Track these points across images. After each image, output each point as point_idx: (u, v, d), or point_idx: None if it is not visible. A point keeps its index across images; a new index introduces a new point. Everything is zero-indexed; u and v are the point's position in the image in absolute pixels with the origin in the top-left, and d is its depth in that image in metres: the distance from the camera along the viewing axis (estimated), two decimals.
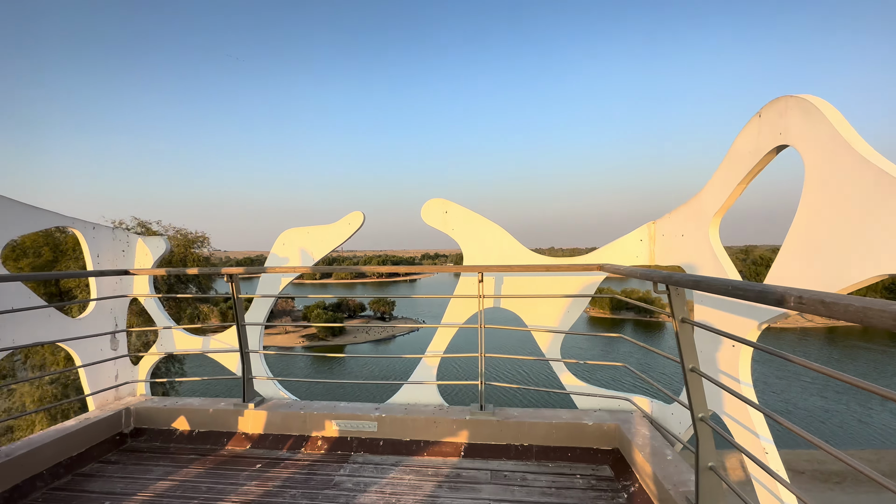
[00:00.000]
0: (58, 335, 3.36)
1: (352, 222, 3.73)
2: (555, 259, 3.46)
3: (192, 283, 18.50)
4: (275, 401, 3.70)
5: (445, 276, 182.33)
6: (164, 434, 3.54)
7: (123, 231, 3.91)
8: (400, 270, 3.60)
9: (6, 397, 14.30)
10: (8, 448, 2.86)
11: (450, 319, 3.67)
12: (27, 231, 3.20)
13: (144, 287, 3.91)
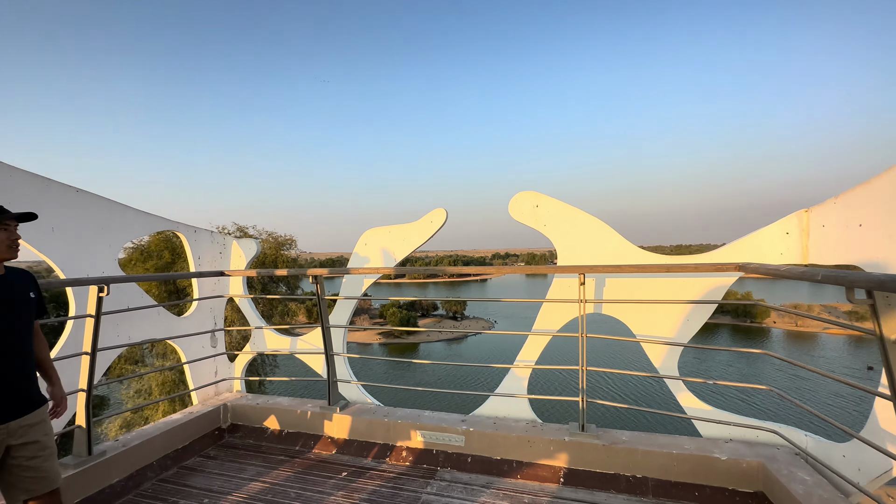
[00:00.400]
0: (166, 332, 3.58)
1: (434, 220, 3.51)
2: (678, 258, 2.91)
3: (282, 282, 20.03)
4: (359, 405, 3.60)
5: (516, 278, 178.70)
6: (256, 432, 3.62)
7: (220, 234, 4.10)
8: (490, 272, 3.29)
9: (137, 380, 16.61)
10: (125, 438, 3.06)
11: (543, 326, 3.29)
12: (141, 234, 3.44)
13: (239, 287, 4.07)
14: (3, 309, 1.83)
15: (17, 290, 1.90)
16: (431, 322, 73.83)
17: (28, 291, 1.95)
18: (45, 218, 2.72)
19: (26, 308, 1.93)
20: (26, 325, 1.93)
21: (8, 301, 1.85)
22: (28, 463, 1.89)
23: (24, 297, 1.92)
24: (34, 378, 1.98)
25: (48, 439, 1.99)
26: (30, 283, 1.98)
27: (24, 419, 1.89)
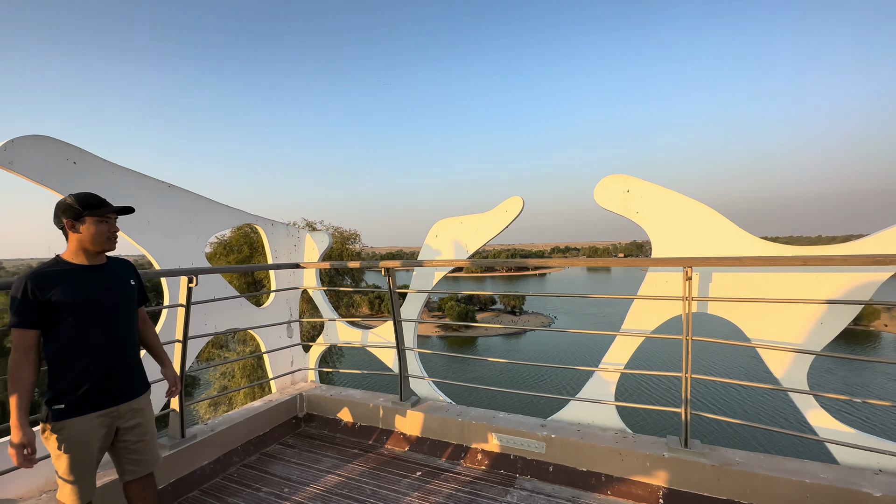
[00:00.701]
0: (247, 322, 3.71)
1: (510, 209, 3.27)
2: (818, 248, 2.43)
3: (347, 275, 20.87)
4: (430, 402, 3.49)
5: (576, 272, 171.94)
6: (330, 423, 3.64)
7: (294, 227, 4.19)
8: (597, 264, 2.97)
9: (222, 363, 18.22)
10: (213, 422, 3.20)
11: (633, 325, 2.94)
12: (225, 228, 3.58)
13: (312, 280, 4.13)
14: (109, 297, 1.90)
15: (119, 278, 1.98)
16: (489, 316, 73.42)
17: (128, 279, 2.02)
18: (143, 212, 2.88)
19: (129, 295, 2.00)
20: (130, 312, 2.00)
21: (112, 289, 1.93)
22: (133, 446, 1.97)
23: (126, 285, 2.00)
24: (140, 363, 2.06)
25: (150, 424, 2.06)
26: (129, 271, 2.05)
27: (132, 403, 1.96)
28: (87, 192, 1.88)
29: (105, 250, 1.92)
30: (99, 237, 1.87)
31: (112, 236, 1.93)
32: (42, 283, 1.74)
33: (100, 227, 1.87)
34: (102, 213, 1.86)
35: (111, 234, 1.92)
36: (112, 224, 1.93)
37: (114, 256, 2.03)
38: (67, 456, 1.79)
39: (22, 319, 1.71)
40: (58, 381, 1.79)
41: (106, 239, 1.90)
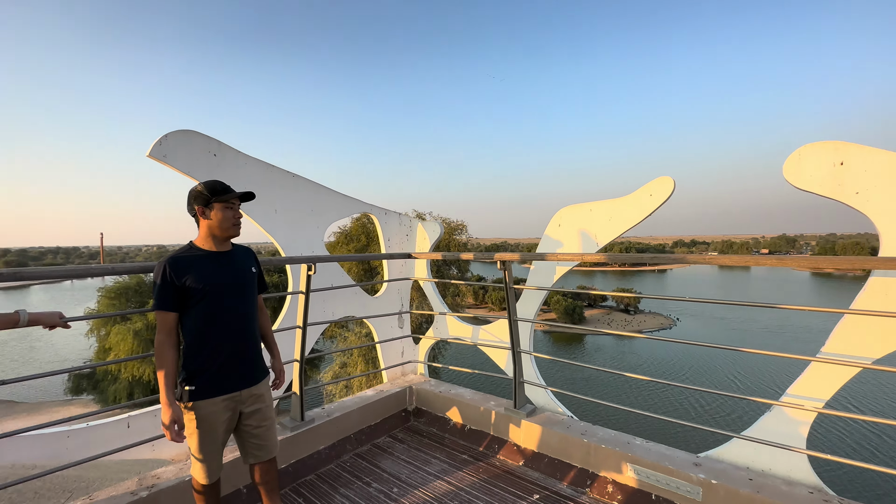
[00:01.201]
0: (361, 310, 3.74)
1: (656, 192, 2.66)
2: None
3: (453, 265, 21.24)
4: (548, 414, 3.09)
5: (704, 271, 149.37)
6: (439, 421, 3.48)
7: (407, 217, 4.10)
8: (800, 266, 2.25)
9: (341, 341, 20.08)
10: (329, 408, 3.26)
11: (843, 349, 2.13)
12: (342, 216, 3.63)
13: (423, 270, 4.01)
14: (234, 283, 1.92)
15: (243, 265, 1.99)
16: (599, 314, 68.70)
17: (250, 267, 2.03)
18: (269, 200, 3.00)
19: (251, 283, 2.02)
20: (252, 299, 2.02)
21: (237, 276, 1.94)
22: (254, 431, 1.99)
23: (249, 273, 2.01)
24: (260, 350, 2.08)
25: (270, 410, 2.07)
26: (251, 258, 2.06)
27: (253, 388, 1.98)
28: (213, 180, 1.91)
29: (230, 236, 1.94)
30: (225, 223, 1.89)
31: (237, 222, 1.94)
32: (177, 267, 1.80)
33: (226, 213, 1.89)
34: (227, 199, 1.88)
35: (236, 220, 1.94)
36: (236, 210, 1.94)
37: (237, 244, 2.05)
38: (198, 435, 1.85)
39: (163, 302, 1.79)
40: (189, 364, 1.86)
41: (231, 225, 1.91)
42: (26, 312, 1.61)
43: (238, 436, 2.03)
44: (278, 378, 2.23)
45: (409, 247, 4.10)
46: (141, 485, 2.23)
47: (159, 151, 2.47)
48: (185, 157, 2.58)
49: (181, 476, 2.32)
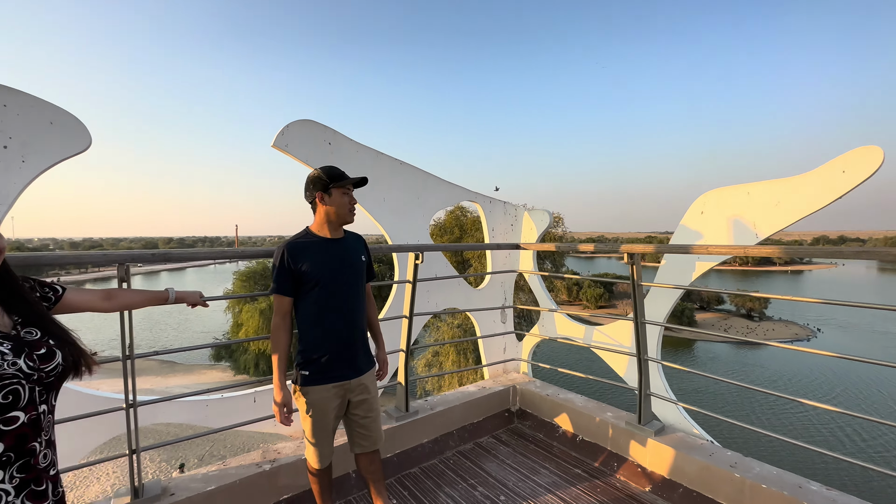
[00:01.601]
0: (464, 302, 3.60)
1: (852, 167, 2.03)
2: None
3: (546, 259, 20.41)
4: (682, 435, 2.62)
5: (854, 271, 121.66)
6: (546, 427, 3.20)
7: (512, 206, 3.85)
8: None
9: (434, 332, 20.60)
10: (432, 401, 3.19)
11: None
12: (447, 204, 3.52)
13: (529, 263, 3.74)
14: (346, 271, 1.89)
15: (354, 253, 1.95)
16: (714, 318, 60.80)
17: (360, 254, 1.98)
18: (378, 188, 2.99)
19: (361, 271, 1.97)
20: (361, 287, 1.97)
21: (348, 263, 1.90)
22: (361, 421, 1.95)
23: (359, 261, 1.96)
24: (367, 339, 2.03)
25: (375, 401, 2.02)
26: (362, 246, 2.02)
27: (361, 378, 1.94)
28: (331, 166, 1.88)
29: (346, 222, 1.91)
30: (342, 208, 1.86)
31: (352, 209, 1.90)
32: (294, 252, 1.81)
33: (342, 199, 1.86)
34: (344, 185, 1.84)
35: (352, 207, 1.90)
36: (351, 196, 1.90)
37: (349, 231, 2.02)
38: (311, 419, 1.86)
39: (279, 286, 1.81)
40: (304, 349, 1.86)
41: (348, 211, 1.88)
42: (174, 291, 1.74)
43: (346, 424, 2.01)
44: (382, 369, 2.17)
45: (514, 237, 3.85)
46: (264, 457, 2.36)
47: (282, 141, 2.57)
48: (303, 146, 2.65)
49: (298, 454, 2.41)
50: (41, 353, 1.17)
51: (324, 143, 2.74)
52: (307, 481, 2.37)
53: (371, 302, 2.13)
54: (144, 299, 1.67)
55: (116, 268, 1.74)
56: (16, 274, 1.27)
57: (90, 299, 1.51)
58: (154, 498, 1.97)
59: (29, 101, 1.86)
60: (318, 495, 2.04)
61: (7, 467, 1.11)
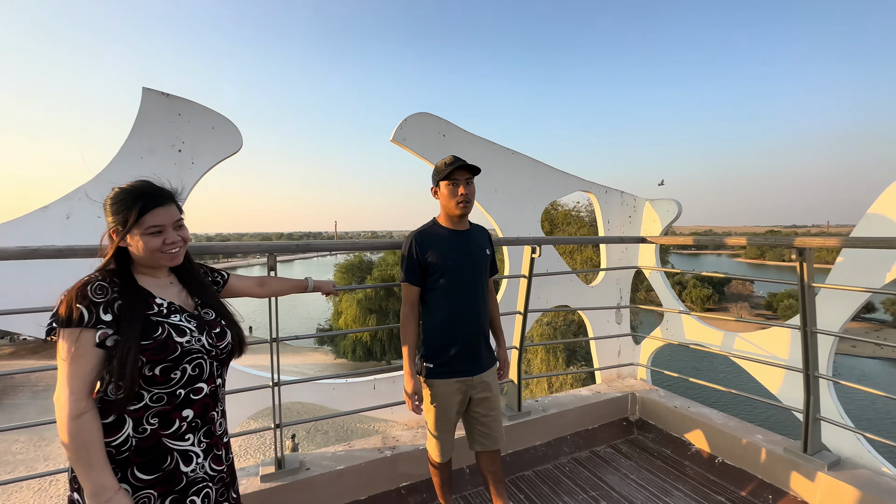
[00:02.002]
0: (576, 300, 3.37)
1: None
2: None
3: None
4: (866, 473, 2.12)
5: None
6: (675, 443, 2.85)
7: (630, 196, 3.50)
8: None
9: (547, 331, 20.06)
10: (543, 402, 3.04)
11: None
12: (559, 195, 3.32)
13: (651, 258, 3.37)
14: (469, 263, 1.82)
15: (478, 246, 1.87)
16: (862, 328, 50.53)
17: (485, 248, 1.90)
18: (490, 179, 2.90)
19: (485, 264, 1.89)
20: (483, 281, 1.89)
21: (472, 256, 1.84)
22: (482, 419, 1.88)
23: (483, 254, 1.88)
24: (489, 335, 1.96)
25: (497, 400, 1.93)
26: (486, 240, 1.94)
27: (483, 375, 1.87)
28: (447, 157, 1.82)
29: (453, 214, 1.81)
30: (448, 200, 1.78)
31: (462, 199, 1.78)
32: (421, 242, 1.80)
33: (446, 191, 1.78)
34: (447, 176, 1.77)
35: (460, 199, 1.77)
36: (462, 187, 1.77)
37: (476, 224, 1.95)
38: (434, 412, 1.84)
39: (408, 275, 1.82)
40: (427, 341, 1.84)
41: (454, 204, 1.78)
42: (312, 280, 1.83)
43: (466, 421, 1.96)
44: (502, 367, 2.06)
45: (632, 230, 3.50)
46: (384, 444, 2.44)
47: (400, 135, 2.60)
48: (419, 139, 2.67)
49: (416, 443, 2.44)
50: (217, 331, 1.28)
51: (438, 136, 2.73)
52: (425, 471, 2.40)
53: (493, 297, 2.05)
54: (289, 287, 1.78)
55: (267, 257, 1.89)
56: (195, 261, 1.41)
57: (248, 285, 1.64)
58: (294, 470, 2.13)
59: (197, 108, 2.12)
60: (438, 488, 2.03)
61: (196, 432, 1.23)
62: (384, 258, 29.62)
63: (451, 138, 2.76)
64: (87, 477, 1.02)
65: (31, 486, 13.41)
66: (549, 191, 3.13)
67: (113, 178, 2.11)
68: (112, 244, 1.14)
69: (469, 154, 2.81)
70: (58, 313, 1.05)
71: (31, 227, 1.94)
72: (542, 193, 3.08)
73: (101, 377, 1.08)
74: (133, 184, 1.16)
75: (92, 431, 1.04)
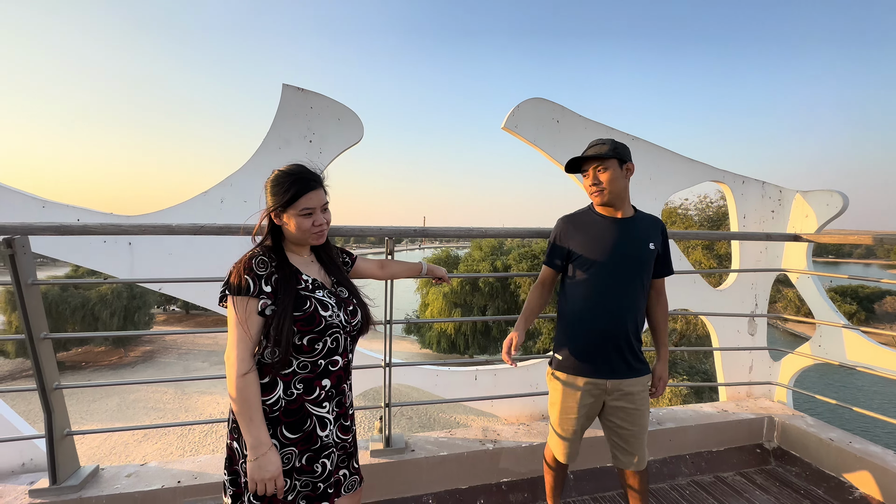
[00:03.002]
0: (700, 305, 2.99)
1: None
2: None
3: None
4: None
5: None
6: (828, 483, 2.38)
7: (775, 187, 2.99)
8: None
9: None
10: (657, 413, 2.75)
11: None
12: (685, 185, 2.96)
13: (801, 260, 2.84)
14: (622, 258, 1.62)
15: (639, 238, 1.64)
16: None
17: (648, 241, 1.65)
18: None
19: (642, 259, 1.65)
20: (638, 279, 1.65)
21: (627, 248, 1.63)
22: (617, 430, 1.71)
23: (643, 248, 1.64)
24: (639, 341, 1.70)
25: (640, 416, 1.69)
26: (655, 233, 1.68)
27: (619, 382, 1.66)
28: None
29: (601, 202, 1.66)
30: (589, 189, 1.68)
31: (592, 190, 1.66)
32: (568, 227, 1.72)
33: (585, 180, 1.68)
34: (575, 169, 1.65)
35: (592, 188, 1.66)
36: (591, 177, 1.64)
37: (646, 213, 1.74)
38: (557, 407, 1.75)
39: (547, 257, 1.78)
40: (559, 331, 1.75)
41: (591, 193, 1.67)
42: (426, 265, 1.85)
43: (603, 429, 1.78)
44: (655, 385, 1.77)
45: (775, 227, 2.99)
46: (486, 436, 2.40)
47: (512, 122, 2.53)
48: (532, 125, 2.56)
49: (517, 440, 2.37)
50: (350, 309, 1.34)
51: (552, 122, 2.59)
52: (527, 470, 2.32)
53: (661, 300, 1.78)
54: (405, 270, 1.82)
55: (385, 241, 1.96)
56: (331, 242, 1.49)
57: (371, 267, 1.70)
58: (400, 449, 2.20)
59: (325, 101, 2.28)
60: (549, 489, 1.93)
61: (331, 400, 1.30)
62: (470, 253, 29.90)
63: (566, 124, 2.61)
64: (248, 430, 1.12)
65: (176, 432, 16.12)
66: (672, 180, 2.79)
67: (256, 168, 2.37)
68: (275, 225, 1.25)
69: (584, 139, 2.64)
70: (230, 282, 1.17)
71: (195, 209, 2.28)
72: (665, 183, 2.77)
73: (258, 342, 1.19)
74: (290, 167, 1.25)
75: (254, 389, 1.14)
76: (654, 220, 1.72)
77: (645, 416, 1.70)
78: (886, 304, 45.67)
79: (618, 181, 1.62)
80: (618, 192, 1.62)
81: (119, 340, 25.60)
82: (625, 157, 1.63)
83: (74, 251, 2.15)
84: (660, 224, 1.72)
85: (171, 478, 1.92)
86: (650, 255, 1.64)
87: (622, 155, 1.62)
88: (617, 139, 2.66)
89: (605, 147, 1.62)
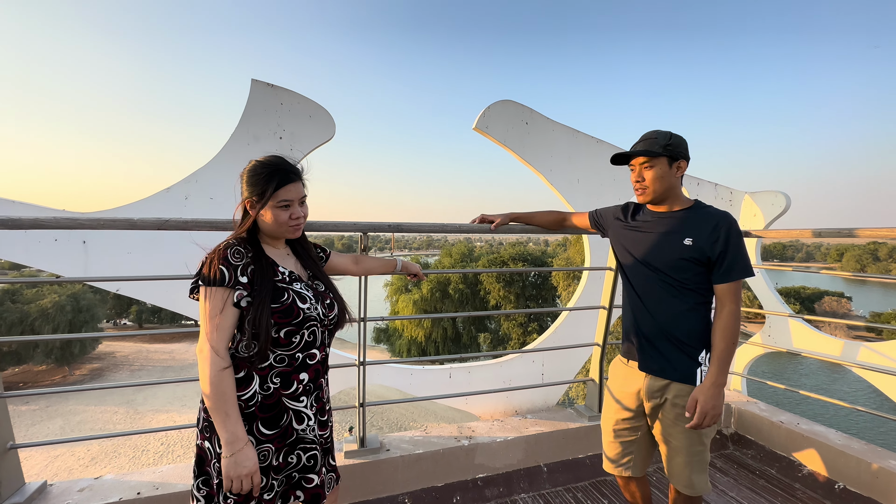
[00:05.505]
0: None
1: None
2: None
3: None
4: None
5: None
6: (782, 463, 2.54)
7: (725, 188, 3.20)
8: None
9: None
10: None
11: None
12: None
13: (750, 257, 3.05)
14: (651, 256, 1.54)
15: (675, 233, 1.50)
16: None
17: (684, 238, 1.47)
18: (572, 168, 2.79)
19: (674, 257, 1.48)
20: (671, 281, 1.49)
21: (653, 244, 1.54)
22: (658, 433, 1.59)
23: (676, 244, 1.48)
24: (681, 345, 1.50)
25: (675, 431, 1.51)
26: (704, 228, 1.45)
27: (660, 381, 1.54)
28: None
29: (643, 202, 1.62)
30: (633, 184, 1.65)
31: (635, 185, 1.63)
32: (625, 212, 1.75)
33: (632, 175, 1.64)
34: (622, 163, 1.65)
35: (636, 185, 1.62)
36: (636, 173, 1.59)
37: (709, 207, 1.54)
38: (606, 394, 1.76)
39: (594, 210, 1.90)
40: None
41: (636, 188, 1.64)
42: (401, 261, 1.85)
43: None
44: (689, 407, 1.43)
45: None
46: (461, 433, 2.41)
47: (483, 123, 2.58)
48: (501, 126, 2.62)
49: (492, 435, 2.39)
50: (327, 302, 1.32)
51: (521, 123, 2.66)
52: (503, 465, 2.34)
53: (719, 312, 1.45)
54: (380, 265, 1.81)
55: (360, 237, 1.95)
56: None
57: (345, 262, 1.68)
58: (375, 450, 2.16)
59: (296, 98, 2.25)
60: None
61: (309, 395, 1.28)
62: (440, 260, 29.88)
63: (534, 126, 2.69)
64: (223, 426, 1.08)
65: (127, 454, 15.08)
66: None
67: (223, 164, 2.30)
68: (250, 216, 1.21)
69: (550, 142, 2.73)
70: (202, 273, 1.13)
71: (157, 205, 2.18)
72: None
73: (232, 335, 1.15)
74: (268, 158, 1.23)
75: (230, 384, 1.10)
76: (708, 216, 1.48)
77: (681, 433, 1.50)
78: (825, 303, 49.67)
79: (663, 180, 1.50)
80: (662, 191, 1.52)
81: (63, 358, 23.72)
82: (677, 154, 1.49)
83: (21, 249, 2.00)
84: (715, 220, 1.46)
85: (129, 490, 1.81)
86: (682, 251, 1.46)
87: (674, 152, 1.48)
88: (582, 142, 2.77)
89: (657, 143, 1.48)
